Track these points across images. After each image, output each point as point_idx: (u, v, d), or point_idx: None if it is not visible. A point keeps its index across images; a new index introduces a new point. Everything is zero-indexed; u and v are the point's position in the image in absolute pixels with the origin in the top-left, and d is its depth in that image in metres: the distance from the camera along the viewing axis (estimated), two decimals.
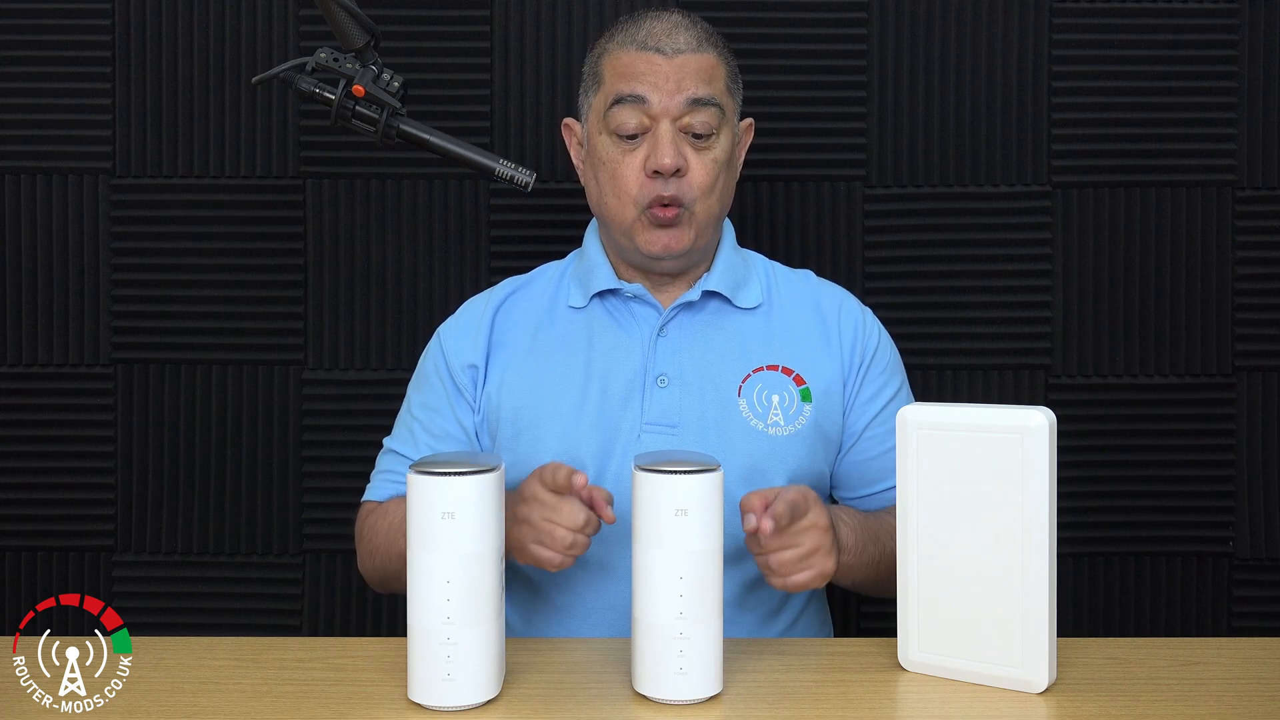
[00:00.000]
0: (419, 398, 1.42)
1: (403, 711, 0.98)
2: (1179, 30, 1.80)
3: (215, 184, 1.81)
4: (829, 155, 1.82)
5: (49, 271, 1.81)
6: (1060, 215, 1.81)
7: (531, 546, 1.14)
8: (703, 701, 1.00)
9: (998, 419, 1.03)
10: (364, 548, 1.38)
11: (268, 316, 1.82)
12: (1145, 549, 1.82)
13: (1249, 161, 1.80)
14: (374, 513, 1.37)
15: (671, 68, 1.31)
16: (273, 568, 1.83)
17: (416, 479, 0.97)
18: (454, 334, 1.41)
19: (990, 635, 1.03)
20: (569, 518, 1.12)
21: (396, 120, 1.33)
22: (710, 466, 1.00)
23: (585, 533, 1.13)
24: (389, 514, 1.34)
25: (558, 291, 1.43)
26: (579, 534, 1.12)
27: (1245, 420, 1.81)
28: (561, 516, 1.12)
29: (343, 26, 1.29)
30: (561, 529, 1.12)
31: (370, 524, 1.37)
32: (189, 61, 1.80)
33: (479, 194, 1.82)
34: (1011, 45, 1.80)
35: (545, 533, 1.12)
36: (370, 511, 1.38)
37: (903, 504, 1.08)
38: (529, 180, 1.35)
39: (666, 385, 1.34)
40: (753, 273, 1.43)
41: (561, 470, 1.12)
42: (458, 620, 0.97)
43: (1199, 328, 1.81)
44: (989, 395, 1.82)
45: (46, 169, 1.81)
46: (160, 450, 1.82)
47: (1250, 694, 1.02)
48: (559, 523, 1.12)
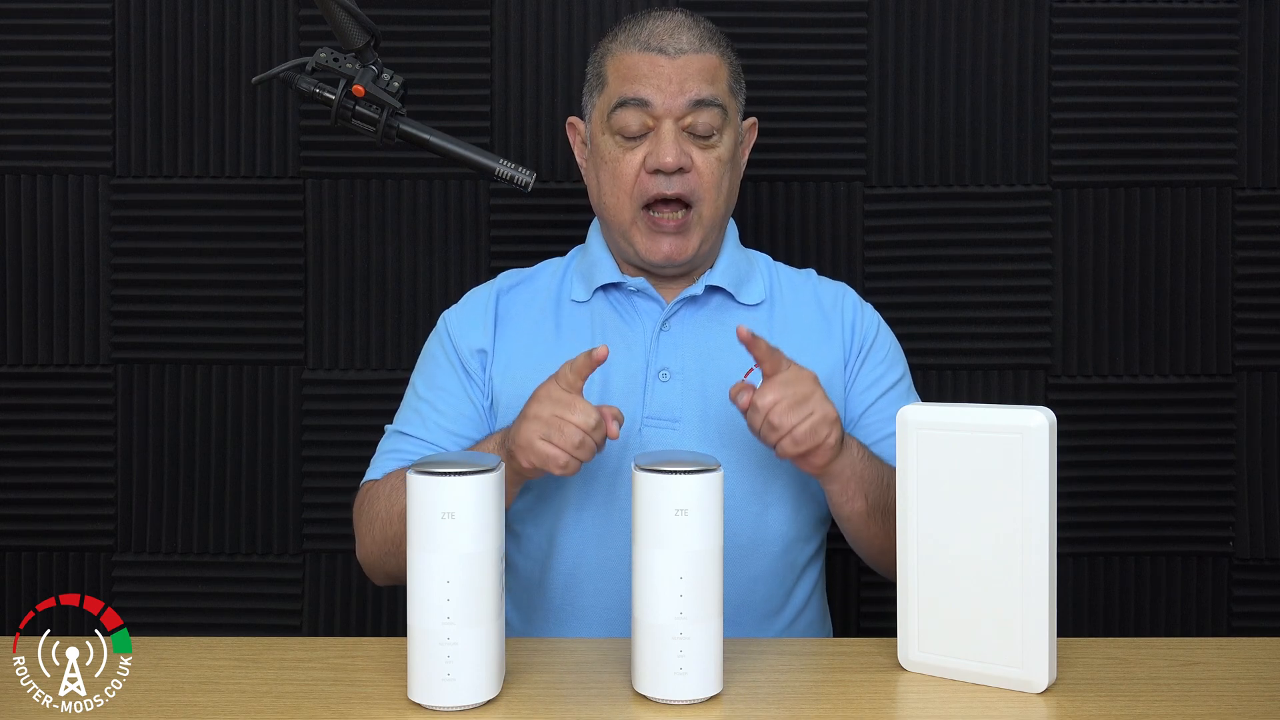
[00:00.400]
0: (425, 380, 1.39)
1: (403, 711, 0.98)
2: (1179, 30, 1.80)
3: (215, 184, 1.81)
4: (829, 155, 1.82)
5: (49, 271, 1.81)
6: (1060, 215, 1.81)
7: (539, 443, 1.13)
8: (703, 701, 1.00)
9: (998, 419, 1.03)
10: (363, 523, 1.33)
11: (268, 316, 1.82)
12: (1145, 549, 1.82)
13: (1249, 161, 1.80)
14: (373, 489, 1.33)
15: (674, 68, 1.31)
16: (273, 568, 1.83)
17: (416, 479, 0.97)
18: (460, 319, 1.40)
19: (990, 635, 1.03)
20: (581, 416, 1.12)
21: (396, 120, 1.33)
22: (710, 466, 1.00)
23: (594, 436, 1.13)
24: (389, 480, 1.31)
25: (561, 285, 1.43)
26: (588, 434, 1.12)
27: (1245, 420, 1.81)
28: (574, 414, 1.12)
29: (343, 26, 1.29)
30: (572, 425, 1.12)
31: (370, 495, 1.33)
32: (189, 61, 1.80)
33: (479, 194, 1.82)
34: (1011, 45, 1.80)
35: (554, 428, 1.12)
36: (369, 490, 1.34)
37: (903, 504, 1.08)
38: (529, 180, 1.35)
39: (668, 380, 1.34)
40: (756, 270, 1.43)
41: (579, 356, 1.14)
42: (458, 620, 0.97)
43: (1199, 328, 1.81)
44: (989, 395, 1.82)
45: (46, 169, 1.81)
46: (160, 450, 1.82)
47: (1250, 694, 1.02)
48: (570, 419, 1.12)
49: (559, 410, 1.13)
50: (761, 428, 1.16)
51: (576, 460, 1.13)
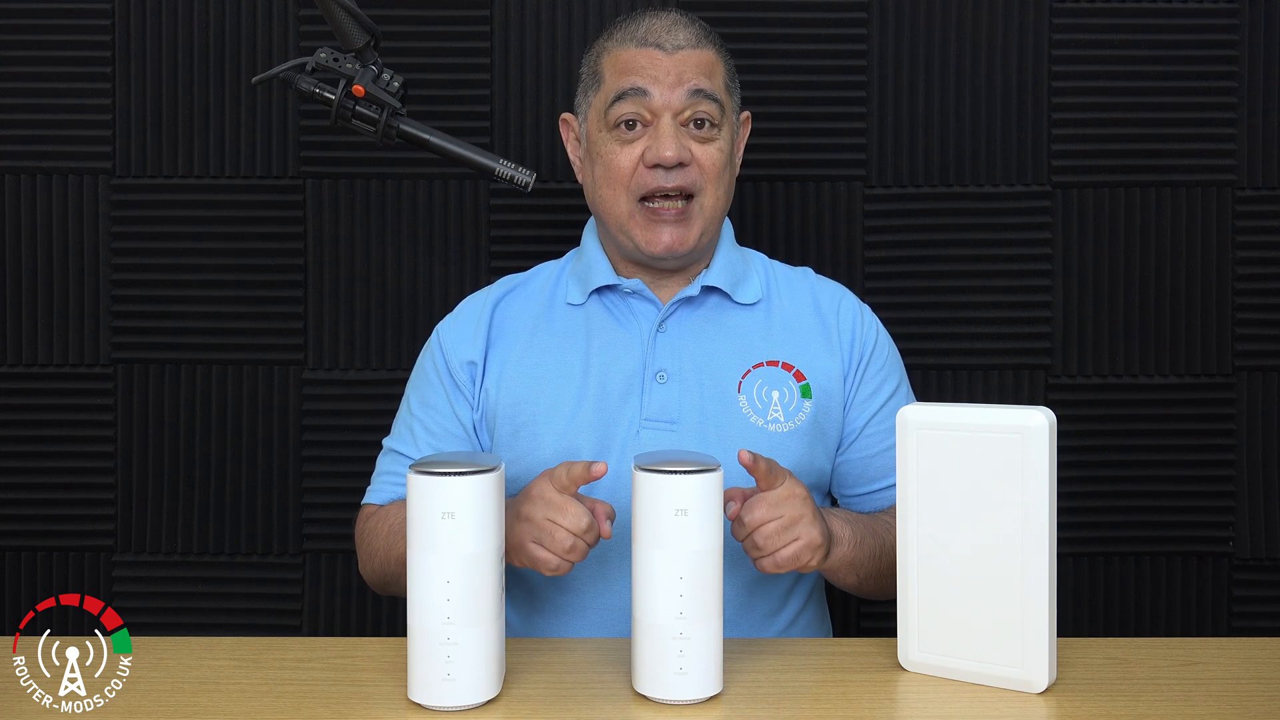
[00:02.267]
0: (418, 396, 1.41)
1: (403, 711, 0.98)
2: (1179, 30, 1.80)
3: (215, 184, 1.81)
4: (829, 155, 1.82)
5: (49, 271, 1.81)
6: (1060, 215, 1.81)
7: (530, 546, 1.12)
8: (703, 701, 1.00)
9: (998, 419, 1.03)
10: (364, 551, 1.38)
11: (268, 316, 1.82)
12: (1145, 549, 1.82)
13: (1249, 161, 1.80)
14: (374, 516, 1.37)
15: (672, 63, 1.31)
16: (273, 568, 1.83)
17: (416, 479, 0.97)
18: (452, 331, 1.41)
19: (990, 635, 1.03)
20: (573, 519, 1.10)
21: (396, 120, 1.33)
22: (710, 466, 1.00)
23: (586, 539, 1.11)
24: (389, 517, 1.33)
25: (556, 289, 1.43)
26: (580, 538, 1.11)
27: (1245, 420, 1.81)
28: (565, 518, 1.10)
29: (343, 26, 1.29)
30: (563, 530, 1.10)
31: (370, 527, 1.36)
32: (189, 61, 1.80)
33: (479, 194, 1.82)
34: (1011, 45, 1.80)
35: (546, 532, 1.11)
36: (370, 515, 1.38)
37: (903, 504, 1.08)
38: (529, 180, 1.35)
39: (666, 381, 1.34)
40: (752, 269, 1.43)
41: (577, 465, 1.12)
42: (458, 620, 0.97)
43: (1199, 328, 1.81)
44: (989, 395, 1.82)
45: (46, 169, 1.81)
46: (160, 450, 1.82)
47: (1250, 694, 1.02)
48: (561, 523, 1.10)
49: (551, 514, 1.11)
50: (745, 542, 1.15)
51: (568, 562, 1.12)
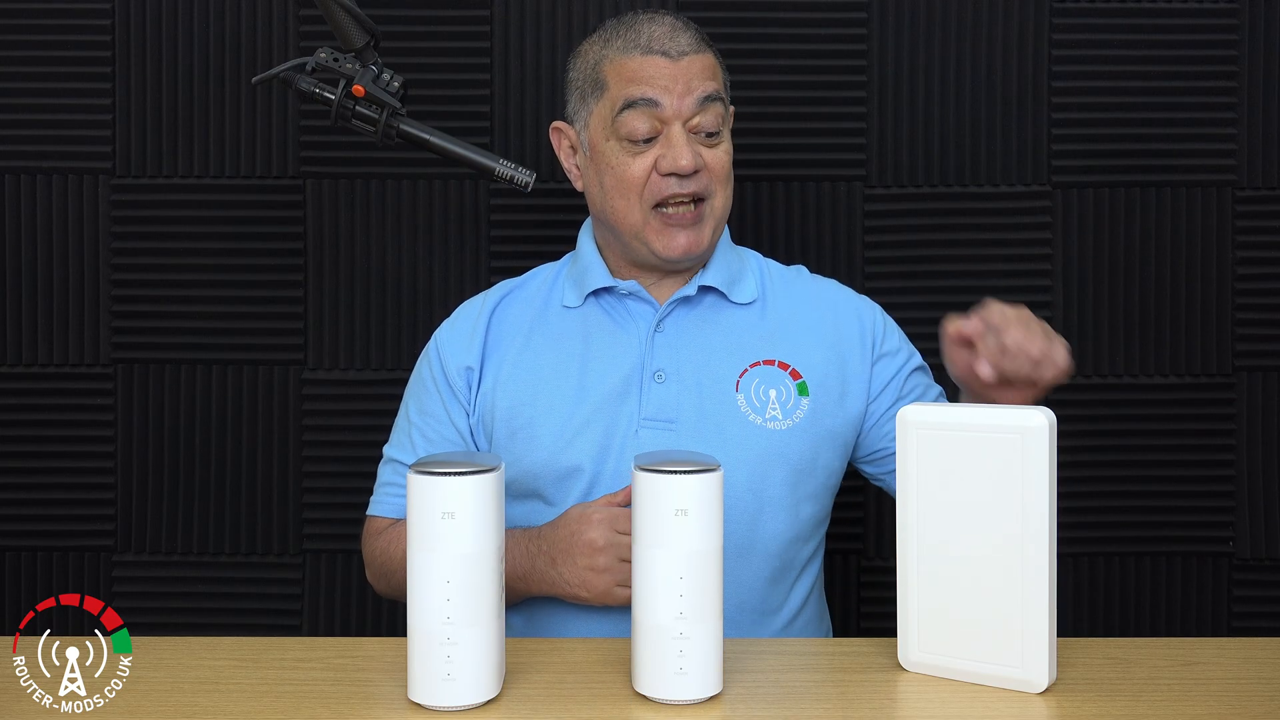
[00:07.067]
0: (416, 404, 1.42)
1: (403, 711, 0.98)
2: (1179, 30, 1.80)
3: (215, 184, 1.81)
4: (829, 155, 1.82)
5: (49, 271, 1.81)
6: (1060, 215, 1.81)
7: (618, 591, 1.22)
8: (703, 701, 1.00)
9: (998, 419, 1.03)
10: (375, 568, 1.39)
11: (268, 316, 1.82)
12: (1145, 549, 1.82)
13: (1249, 161, 1.80)
14: (384, 534, 1.38)
15: (678, 70, 1.32)
16: (273, 568, 1.83)
17: (416, 479, 0.97)
18: (449, 338, 1.42)
19: (990, 635, 1.03)
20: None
21: (396, 120, 1.33)
22: (710, 466, 1.00)
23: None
24: (400, 541, 1.33)
25: (552, 292, 1.43)
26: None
27: (1245, 420, 1.81)
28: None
29: (343, 26, 1.29)
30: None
31: (381, 548, 1.37)
32: (189, 61, 1.80)
33: (479, 194, 1.82)
34: (1011, 45, 1.80)
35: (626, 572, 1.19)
36: (379, 532, 1.39)
37: (903, 504, 1.08)
38: (529, 180, 1.35)
39: (664, 381, 1.34)
40: (747, 268, 1.44)
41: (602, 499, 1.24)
42: (458, 620, 0.97)
43: (1199, 328, 1.81)
44: None
45: (46, 169, 1.81)
46: (160, 450, 1.82)
47: (1250, 694, 1.02)
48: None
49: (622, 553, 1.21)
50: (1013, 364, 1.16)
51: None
